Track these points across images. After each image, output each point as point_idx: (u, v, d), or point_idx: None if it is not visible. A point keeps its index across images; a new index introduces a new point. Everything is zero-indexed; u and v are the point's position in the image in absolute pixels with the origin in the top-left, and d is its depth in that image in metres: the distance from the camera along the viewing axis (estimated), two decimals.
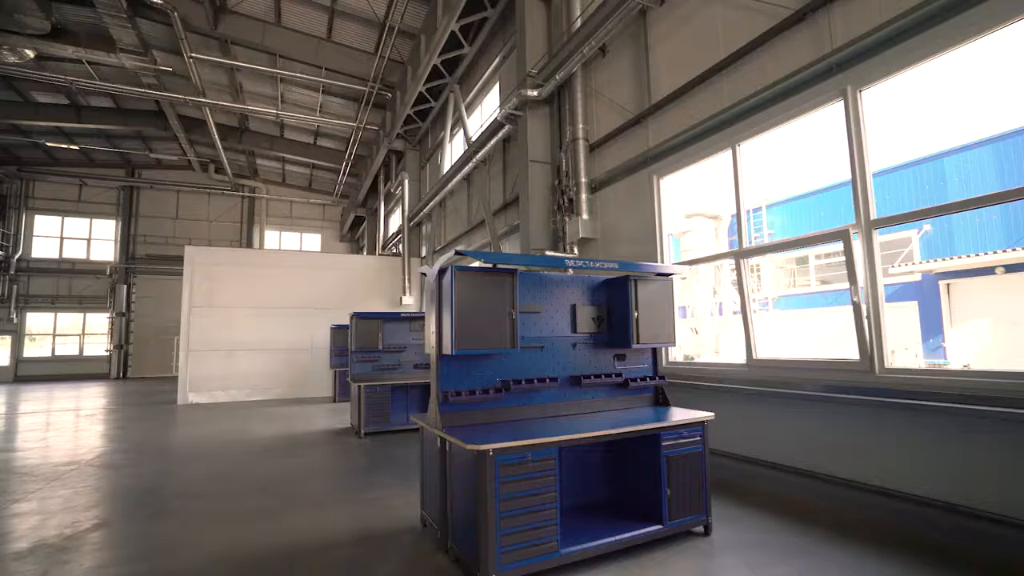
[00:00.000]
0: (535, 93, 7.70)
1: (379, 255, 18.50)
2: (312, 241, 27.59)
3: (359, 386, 8.14)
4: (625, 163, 6.68)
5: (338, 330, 12.81)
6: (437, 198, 13.18)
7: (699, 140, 5.58)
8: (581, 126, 7.25)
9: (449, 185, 12.20)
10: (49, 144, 21.05)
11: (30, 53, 14.04)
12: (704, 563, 3.36)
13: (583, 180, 7.16)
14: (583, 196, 7.12)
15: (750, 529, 3.89)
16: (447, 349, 3.48)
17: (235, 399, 13.44)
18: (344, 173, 22.15)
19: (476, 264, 3.61)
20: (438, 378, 3.62)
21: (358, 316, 8.73)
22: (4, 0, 12.10)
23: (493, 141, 9.40)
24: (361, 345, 8.70)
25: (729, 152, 5.27)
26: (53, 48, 13.78)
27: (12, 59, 14.14)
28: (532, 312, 3.94)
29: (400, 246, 16.03)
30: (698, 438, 3.78)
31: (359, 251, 26.47)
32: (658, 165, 6.19)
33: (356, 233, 26.60)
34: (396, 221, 18.92)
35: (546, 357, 3.97)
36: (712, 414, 3.88)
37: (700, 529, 3.80)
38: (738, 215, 5.18)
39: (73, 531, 4.15)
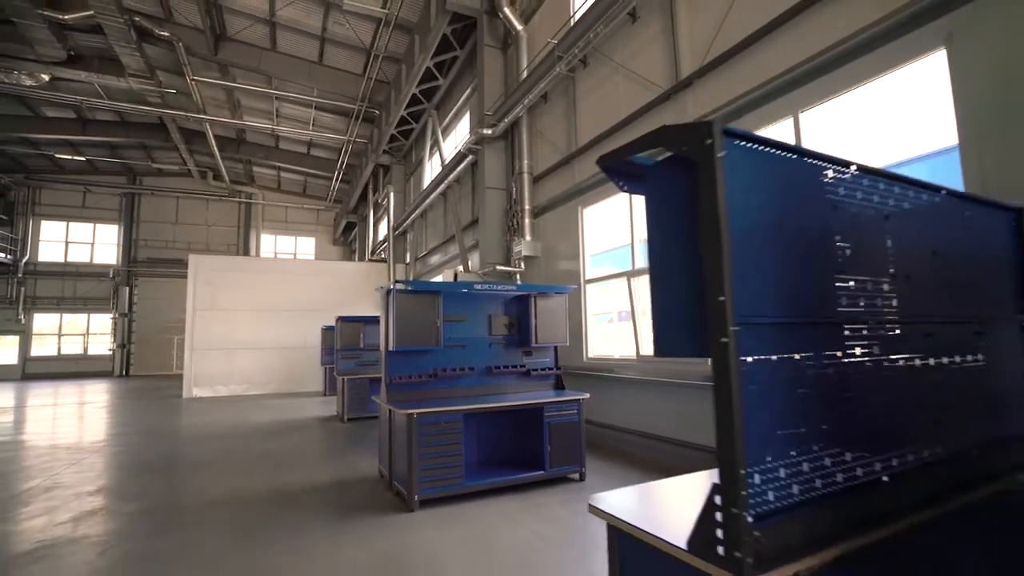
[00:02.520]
0: (490, 132, 9.26)
1: (368, 261, 20.07)
2: (307, 245, 29.14)
3: (343, 379, 9.72)
4: (560, 194, 8.26)
5: (329, 331, 14.32)
6: (418, 211, 14.74)
7: (606, 183, 7.15)
8: (526, 161, 8.83)
9: (428, 200, 13.75)
10: (58, 156, 22.61)
11: (46, 77, 15.62)
12: (570, 495, 4.94)
13: (527, 207, 8.74)
14: (527, 221, 8.70)
15: (615, 477, 5.48)
16: (391, 346, 5.06)
17: (235, 393, 15.04)
18: (337, 180, 23.70)
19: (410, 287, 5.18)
20: (386, 367, 5.20)
21: (342, 319, 10.31)
22: (25, 32, 13.61)
23: (461, 166, 10.96)
24: (345, 344, 10.28)
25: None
26: (67, 73, 15.34)
27: (29, 83, 15.71)
28: (457, 320, 5.51)
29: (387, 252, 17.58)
30: (575, 411, 5.35)
31: (351, 254, 28.02)
32: (582, 198, 7.77)
33: (349, 237, 28.13)
34: (384, 228, 20.47)
35: (467, 353, 5.55)
36: (587, 394, 5.46)
37: (576, 476, 5.38)
38: (632, 243, 6.76)
39: (121, 480, 5.75)
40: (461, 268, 10.89)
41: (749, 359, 1.37)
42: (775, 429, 1.41)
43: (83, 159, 23.34)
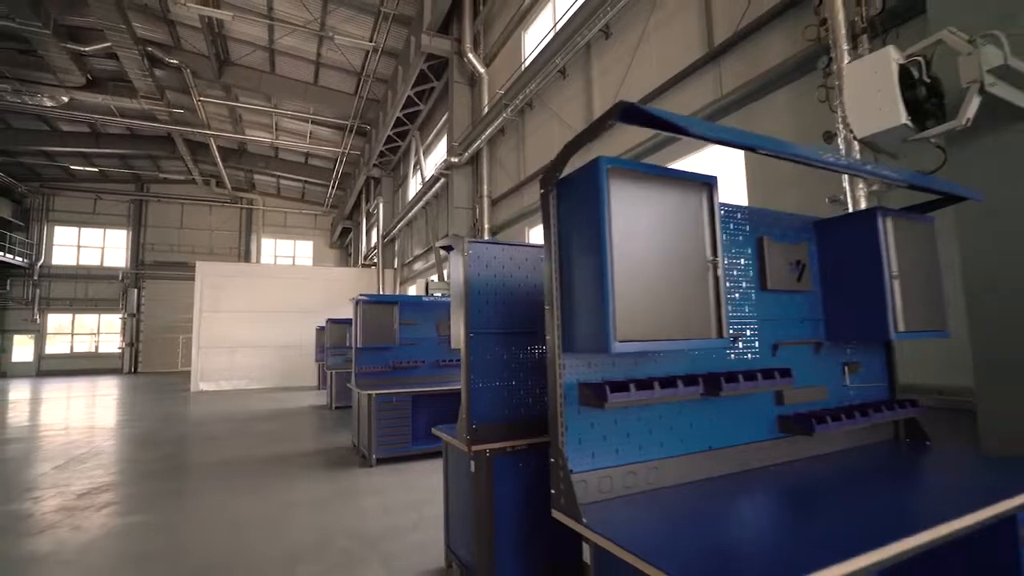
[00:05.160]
0: (457, 160, 10.88)
1: (361, 266, 21.76)
2: (305, 248, 30.83)
3: (331, 373, 11.38)
4: (512, 216, 9.87)
5: (322, 331, 15.99)
6: (404, 221, 16.39)
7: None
8: (486, 187, 10.45)
9: (412, 211, 15.40)
10: (73, 168, 24.43)
11: (65, 99, 17.35)
12: None
13: (487, 225, 10.35)
14: (487, 237, 10.31)
15: None
16: (359, 344, 6.70)
17: (237, 387, 16.76)
18: (333, 187, 25.40)
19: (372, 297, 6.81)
20: (356, 360, 6.84)
21: (331, 321, 11.97)
22: (50, 62, 15.30)
23: (437, 186, 12.59)
24: (334, 343, 11.92)
25: None
26: (85, 96, 17.08)
27: (50, 103, 17.45)
28: (411, 324, 7.15)
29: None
30: None
31: (347, 257, 29.72)
32: (528, 220, 9.38)
33: (345, 241, 29.82)
34: (375, 236, 22.14)
35: (419, 349, 7.18)
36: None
37: None
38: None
39: (150, 448, 7.43)
40: (435, 277, 12.52)
41: (480, 348, 3.00)
42: (493, 381, 3.04)
43: (95, 169, 25.11)
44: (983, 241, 2.78)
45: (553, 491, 1.81)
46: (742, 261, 2.42)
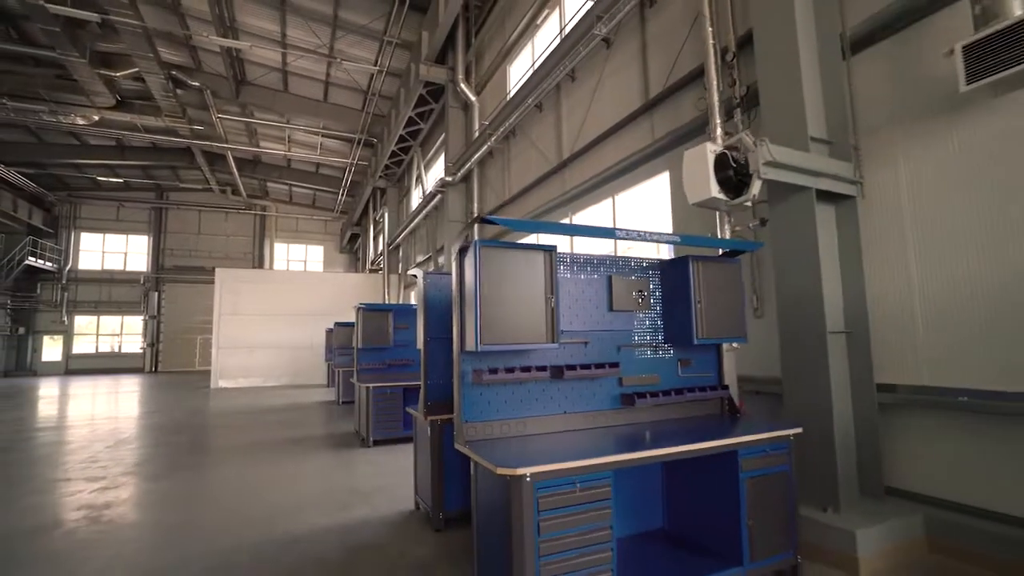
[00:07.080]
0: (451, 179, 12.21)
1: (368, 271, 23.22)
2: (315, 253, 32.45)
3: (338, 371, 12.78)
4: (498, 232, 11.16)
5: (331, 332, 17.43)
6: (407, 230, 17.78)
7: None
8: (476, 204, 11.77)
9: (414, 221, 16.77)
10: (99, 178, 26.29)
11: (96, 117, 19.04)
12: None
13: (476, 239, 11.65)
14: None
15: None
16: (360, 345, 8.06)
17: (254, 384, 18.30)
18: (342, 195, 26.95)
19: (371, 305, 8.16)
20: (357, 358, 8.20)
21: (338, 324, 13.38)
22: (83, 86, 16.95)
23: (435, 200, 13.93)
24: (340, 344, 13.32)
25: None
26: (114, 115, 18.75)
27: (81, 122, 19.16)
28: (404, 328, 8.48)
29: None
30: None
31: (356, 261, 31.28)
32: (509, 237, 10.66)
33: (354, 246, 31.36)
34: (382, 243, 23.57)
35: (410, 350, 8.51)
36: None
37: None
38: None
39: (179, 433, 8.86)
40: None
41: (434, 348, 4.31)
42: (443, 370, 4.35)
43: (119, 179, 26.95)
44: (781, 275, 4.03)
45: (455, 433, 3.11)
46: (596, 292, 3.70)
